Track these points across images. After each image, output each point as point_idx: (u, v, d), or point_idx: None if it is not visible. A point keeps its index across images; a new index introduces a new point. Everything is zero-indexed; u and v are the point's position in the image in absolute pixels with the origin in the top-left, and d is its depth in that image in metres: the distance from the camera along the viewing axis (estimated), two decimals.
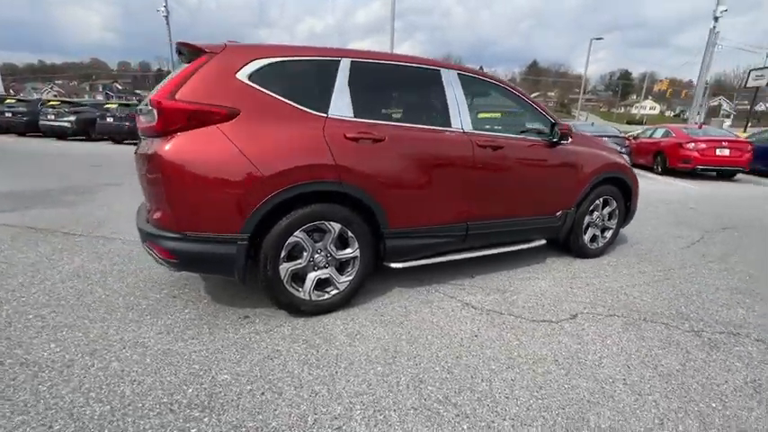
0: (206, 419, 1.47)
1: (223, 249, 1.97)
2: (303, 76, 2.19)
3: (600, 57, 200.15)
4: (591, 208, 3.34)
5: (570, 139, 3.06)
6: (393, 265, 2.47)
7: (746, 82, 21.78)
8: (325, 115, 2.14)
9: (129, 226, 3.71)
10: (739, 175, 10.53)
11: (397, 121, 2.39)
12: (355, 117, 2.21)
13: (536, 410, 1.59)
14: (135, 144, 2.39)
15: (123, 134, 13.05)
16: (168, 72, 4.78)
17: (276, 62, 2.08)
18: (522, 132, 2.96)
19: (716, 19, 15.42)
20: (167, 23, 24.38)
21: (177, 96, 1.86)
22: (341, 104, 2.19)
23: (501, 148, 2.68)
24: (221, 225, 1.95)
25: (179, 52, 2.42)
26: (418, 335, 2.12)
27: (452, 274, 2.92)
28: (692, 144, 9.58)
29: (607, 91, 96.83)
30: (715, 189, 8.42)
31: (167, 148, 1.84)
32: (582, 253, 3.42)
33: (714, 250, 3.89)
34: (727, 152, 9.52)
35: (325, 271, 2.24)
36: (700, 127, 11.24)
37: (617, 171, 3.40)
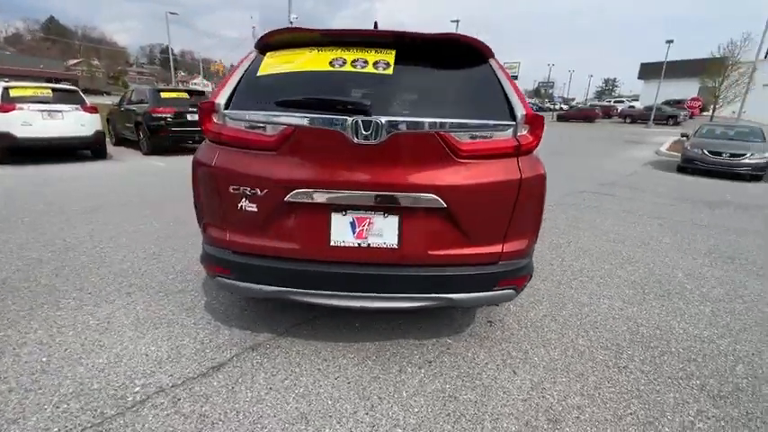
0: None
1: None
2: None
3: (132, 26, 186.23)
4: None
5: None
6: None
7: None
8: None
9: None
10: None
11: None
12: None
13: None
14: None
15: None
16: None
17: None
18: None
19: (291, 22, 17.60)
20: None
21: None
22: None
23: None
24: None
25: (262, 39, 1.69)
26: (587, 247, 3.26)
27: None
28: None
29: (152, 64, 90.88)
30: None
31: (542, 165, 1.66)
32: None
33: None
34: None
35: None
36: None
37: None
